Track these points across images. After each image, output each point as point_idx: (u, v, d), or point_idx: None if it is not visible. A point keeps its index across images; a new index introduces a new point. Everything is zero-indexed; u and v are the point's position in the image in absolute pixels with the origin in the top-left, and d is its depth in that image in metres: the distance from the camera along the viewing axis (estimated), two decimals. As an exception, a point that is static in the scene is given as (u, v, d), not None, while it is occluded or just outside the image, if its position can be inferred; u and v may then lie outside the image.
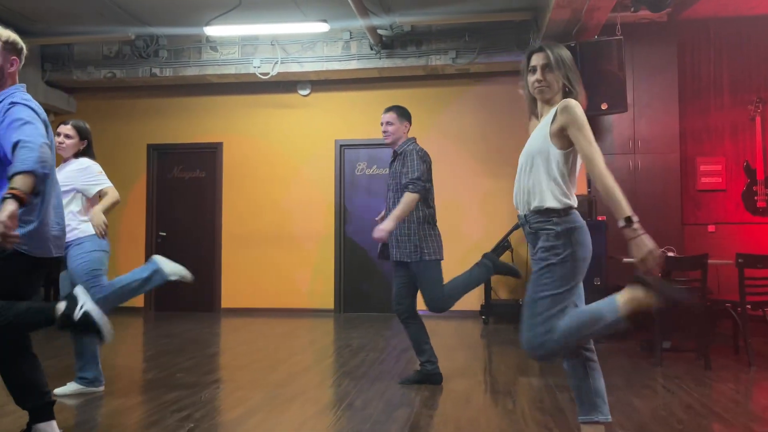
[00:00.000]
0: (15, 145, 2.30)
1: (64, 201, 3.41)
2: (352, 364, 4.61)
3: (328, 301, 7.65)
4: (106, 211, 3.60)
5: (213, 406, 3.50)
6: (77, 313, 2.39)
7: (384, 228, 3.71)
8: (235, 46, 7.38)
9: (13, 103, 2.45)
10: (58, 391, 3.59)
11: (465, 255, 7.04)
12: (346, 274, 7.69)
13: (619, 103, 5.66)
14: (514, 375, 4.25)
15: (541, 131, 2.48)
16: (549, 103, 2.55)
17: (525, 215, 2.52)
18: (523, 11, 6.53)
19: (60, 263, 2.70)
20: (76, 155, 3.78)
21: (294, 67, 7.31)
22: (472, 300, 6.71)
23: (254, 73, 7.34)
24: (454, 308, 3.93)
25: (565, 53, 2.53)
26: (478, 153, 7.44)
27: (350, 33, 7.14)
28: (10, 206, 2.18)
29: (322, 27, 6.68)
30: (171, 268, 3.63)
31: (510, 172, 2.79)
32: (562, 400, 3.56)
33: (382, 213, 4.11)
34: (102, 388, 3.75)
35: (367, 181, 7.70)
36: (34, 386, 2.51)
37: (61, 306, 2.43)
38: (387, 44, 7.02)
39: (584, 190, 6.21)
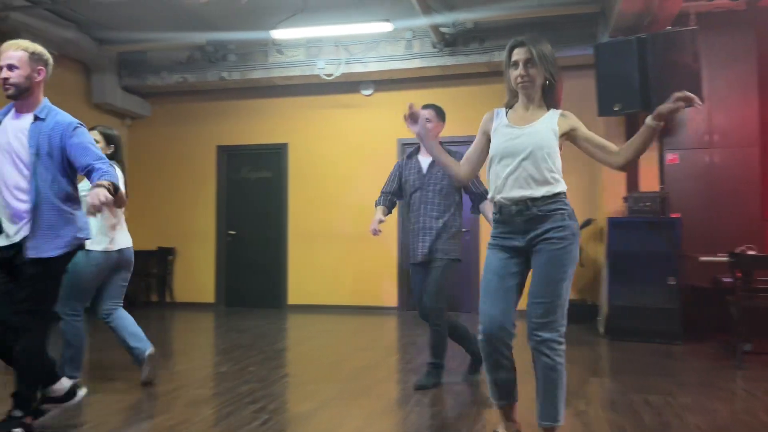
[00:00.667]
0: (93, 167, 2.70)
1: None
2: (419, 361, 4.63)
3: (391, 299, 7.71)
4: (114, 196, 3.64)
5: (285, 398, 3.60)
6: None
7: None
8: (300, 48, 7.53)
9: (80, 125, 2.79)
10: (143, 377, 3.74)
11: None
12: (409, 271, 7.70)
13: (693, 96, 5.43)
14: (586, 375, 4.17)
15: (544, 127, 2.53)
16: (530, 99, 2.61)
17: (527, 200, 2.47)
18: (591, 4, 6.36)
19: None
20: None
21: (357, 68, 7.39)
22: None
23: (318, 75, 7.46)
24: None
25: (547, 48, 2.55)
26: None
27: (413, 32, 7.15)
28: (105, 190, 2.55)
29: (385, 27, 6.72)
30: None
31: (569, 168, 2.72)
32: (635, 400, 3.47)
33: (381, 220, 4.11)
34: (150, 350, 3.73)
35: (430, 180, 7.69)
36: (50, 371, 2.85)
37: None
38: (449, 42, 6.99)
39: (656, 187, 6.00)
